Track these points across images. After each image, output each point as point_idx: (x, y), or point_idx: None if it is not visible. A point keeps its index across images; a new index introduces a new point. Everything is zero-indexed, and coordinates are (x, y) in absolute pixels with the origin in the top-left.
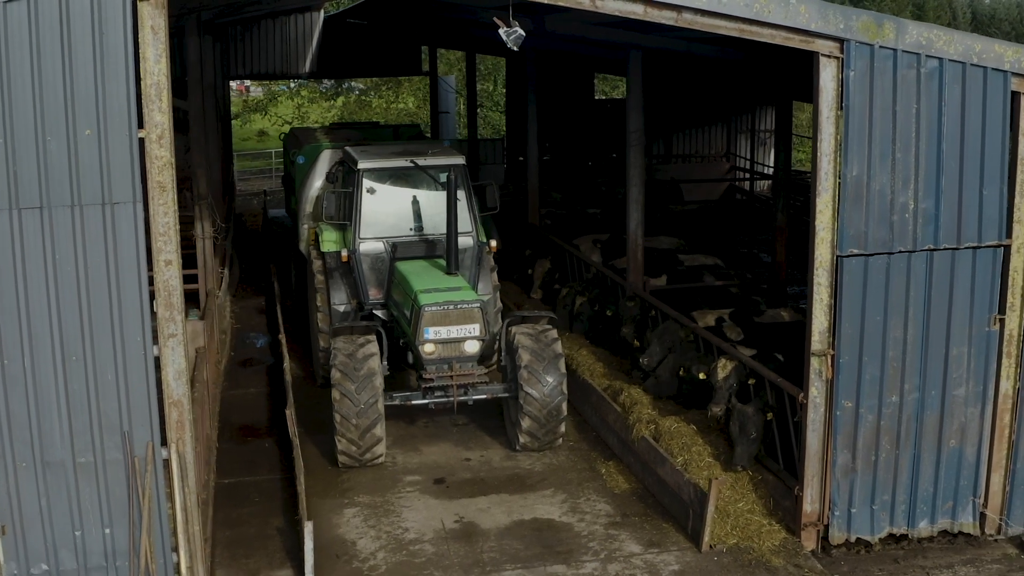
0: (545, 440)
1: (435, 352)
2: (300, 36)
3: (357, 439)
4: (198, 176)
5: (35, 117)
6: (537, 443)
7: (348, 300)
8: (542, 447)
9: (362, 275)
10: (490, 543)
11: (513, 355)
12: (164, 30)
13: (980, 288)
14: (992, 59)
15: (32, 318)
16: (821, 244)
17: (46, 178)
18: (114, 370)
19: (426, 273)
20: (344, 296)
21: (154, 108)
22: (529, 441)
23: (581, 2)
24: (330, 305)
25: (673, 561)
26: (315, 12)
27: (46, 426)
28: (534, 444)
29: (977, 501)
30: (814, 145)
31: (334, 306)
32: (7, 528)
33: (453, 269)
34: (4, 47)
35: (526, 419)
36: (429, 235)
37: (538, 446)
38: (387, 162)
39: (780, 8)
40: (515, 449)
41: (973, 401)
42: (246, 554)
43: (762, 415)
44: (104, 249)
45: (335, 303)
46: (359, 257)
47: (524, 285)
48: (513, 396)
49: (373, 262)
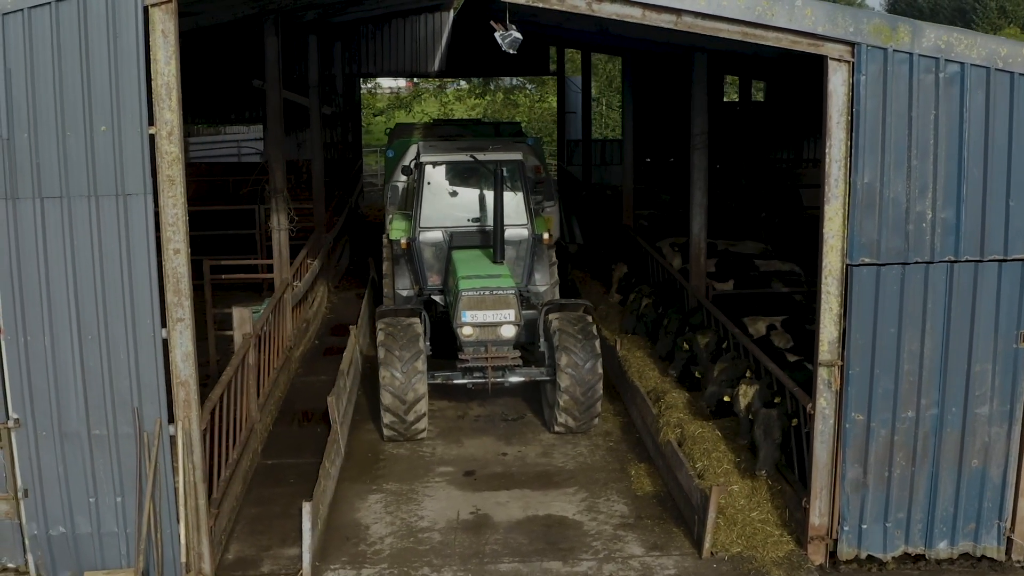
0: (581, 421)
1: (473, 335)
2: (430, 35)
3: (402, 415)
4: (273, 170)
5: (56, 113)
6: (574, 424)
7: (411, 286)
8: (579, 429)
9: (422, 262)
10: (496, 536)
11: (550, 340)
12: (174, 33)
13: (1007, 303)
14: (1019, 64)
15: (52, 299)
16: (831, 252)
17: (65, 170)
18: (126, 350)
19: (474, 261)
20: (407, 282)
21: (164, 106)
22: (566, 422)
23: (577, 6)
24: (395, 290)
25: (671, 565)
26: (445, 12)
27: (64, 399)
28: (571, 425)
29: (1003, 525)
30: (824, 151)
31: (398, 291)
32: (29, 492)
33: (499, 258)
34: (29, 49)
35: (562, 401)
36: (486, 226)
37: (575, 427)
38: (448, 156)
39: (784, 11)
40: (552, 431)
41: (998, 420)
42: (264, 531)
43: (786, 419)
44: (118, 237)
45: (399, 288)
46: (419, 245)
47: (609, 285)
48: (550, 380)
49: (432, 250)
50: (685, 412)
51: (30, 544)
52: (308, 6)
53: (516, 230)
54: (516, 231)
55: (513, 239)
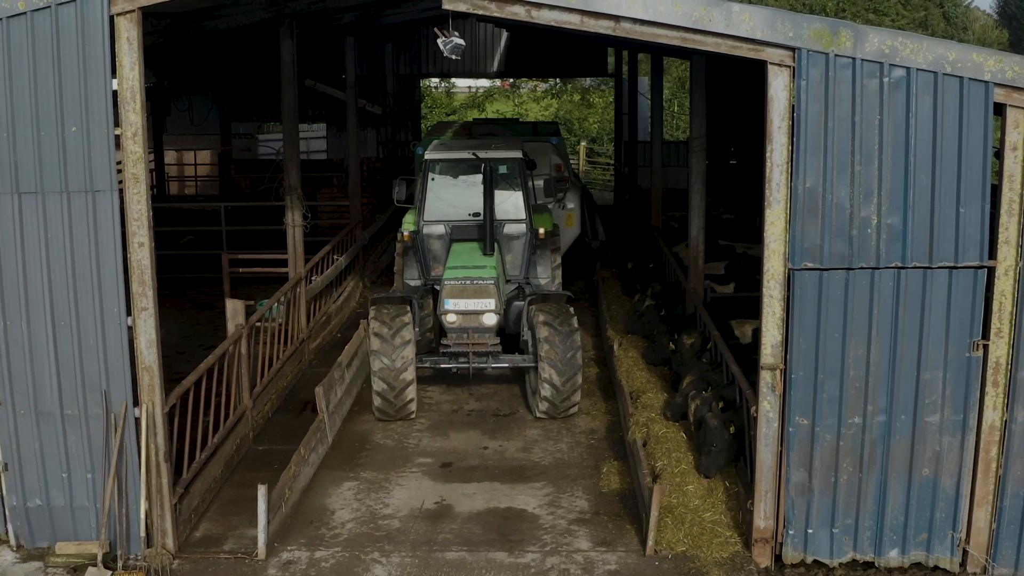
0: (561, 407)
1: (456, 322)
2: (488, 36)
3: (392, 399)
4: (289, 169)
5: (32, 114)
6: (554, 410)
7: (419, 276)
8: (559, 414)
9: (425, 253)
10: (453, 526)
11: (533, 329)
12: (138, 41)
13: (958, 311)
14: (970, 68)
15: (29, 287)
16: (773, 256)
17: (40, 167)
18: (95, 336)
19: (466, 253)
20: (416, 272)
21: (129, 109)
22: (547, 409)
23: (516, 13)
24: (404, 280)
25: (613, 561)
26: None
27: (40, 381)
28: (552, 411)
29: (957, 536)
30: (766, 155)
31: (407, 281)
32: (9, 466)
33: (488, 251)
34: (7, 54)
35: (543, 388)
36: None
37: (555, 414)
38: (451, 154)
39: (722, 16)
40: (535, 417)
41: (951, 430)
42: (236, 512)
43: (726, 428)
44: (87, 230)
45: (407, 278)
46: (422, 237)
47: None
48: (533, 367)
49: (435, 242)
50: (657, 413)
51: (10, 515)
52: (339, 9)
53: (515, 226)
54: (515, 227)
55: (512, 234)
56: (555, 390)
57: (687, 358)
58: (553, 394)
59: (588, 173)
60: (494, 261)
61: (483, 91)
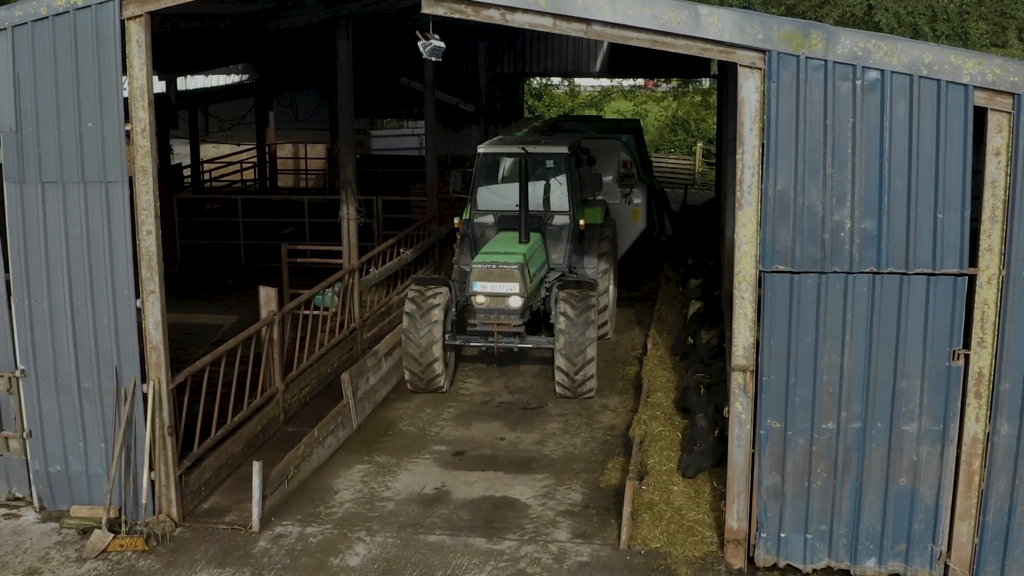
0: (576, 386)
1: (484, 304)
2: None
3: (420, 372)
4: (344, 165)
5: (54, 110)
6: (570, 389)
7: (470, 262)
8: (576, 394)
9: (475, 241)
10: (444, 511)
11: (556, 314)
12: (147, 43)
13: (937, 319)
14: (948, 71)
15: (51, 268)
16: (744, 258)
17: (61, 159)
18: (108, 316)
19: (503, 241)
20: (468, 259)
21: (138, 106)
22: (563, 387)
23: (491, 16)
24: (459, 265)
25: (586, 553)
26: None
27: (60, 355)
28: (567, 391)
29: (937, 548)
30: (737, 157)
31: (461, 266)
32: (33, 433)
33: (523, 239)
34: (32, 55)
35: (558, 370)
36: (533, 211)
37: (571, 392)
38: (501, 148)
39: (690, 19)
40: (556, 394)
41: (929, 440)
42: (245, 487)
43: (709, 429)
44: (101, 218)
45: (462, 264)
46: (473, 226)
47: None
48: (554, 348)
49: (485, 231)
50: (659, 411)
51: (34, 478)
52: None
53: (560, 217)
54: (560, 218)
55: (557, 225)
56: (570, 366)
57: (702, 354)
58: (566, 373)
59: (704, 174)
60: (525, 249)
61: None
